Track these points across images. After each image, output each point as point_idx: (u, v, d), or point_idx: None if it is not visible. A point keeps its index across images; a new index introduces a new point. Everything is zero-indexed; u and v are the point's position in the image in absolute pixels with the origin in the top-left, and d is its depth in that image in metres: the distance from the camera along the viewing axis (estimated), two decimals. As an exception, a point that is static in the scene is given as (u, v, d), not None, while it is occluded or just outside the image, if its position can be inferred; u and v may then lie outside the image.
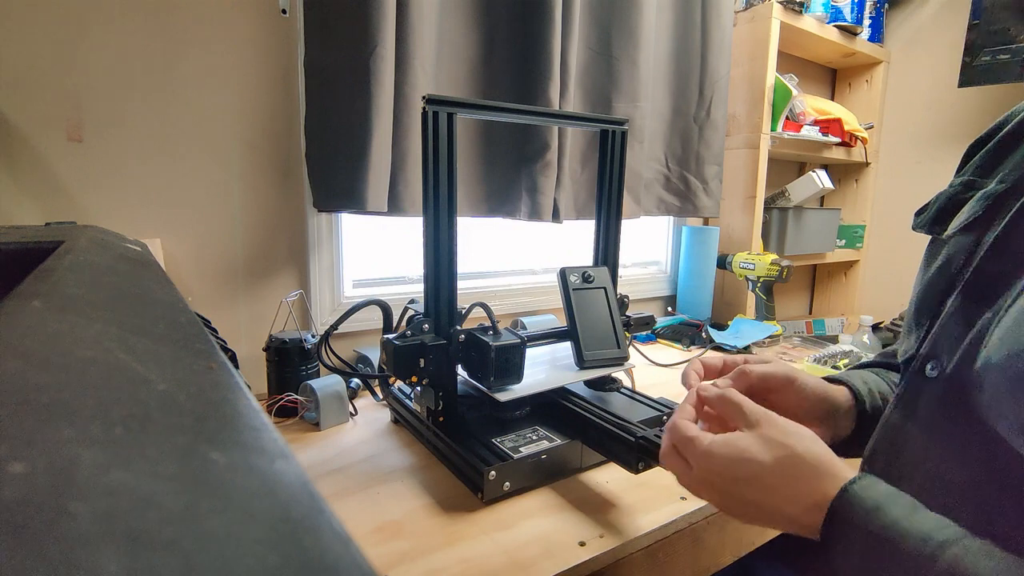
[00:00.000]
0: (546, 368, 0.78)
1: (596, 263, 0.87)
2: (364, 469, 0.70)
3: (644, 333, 1.23)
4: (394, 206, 0.96)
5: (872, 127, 1.78)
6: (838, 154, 1.65)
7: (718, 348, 1.26)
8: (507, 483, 0.62)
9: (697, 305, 1.48)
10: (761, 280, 1.33)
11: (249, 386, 0.58)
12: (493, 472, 0.61)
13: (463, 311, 0.74)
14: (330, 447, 0.76)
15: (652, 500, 0.63)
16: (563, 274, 0.80)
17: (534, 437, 0.69)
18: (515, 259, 1.31)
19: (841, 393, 0.54)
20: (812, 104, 1.55)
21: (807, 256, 1.67)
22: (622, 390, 0.85)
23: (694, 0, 1.32)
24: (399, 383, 0.86)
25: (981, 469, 0.39)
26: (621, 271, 0.99)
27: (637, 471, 0.60)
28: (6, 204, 0.77)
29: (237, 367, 0.65)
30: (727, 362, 0.54)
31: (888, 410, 0.49)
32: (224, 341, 0.70)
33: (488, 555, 0.53)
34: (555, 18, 1.03)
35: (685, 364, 1.14)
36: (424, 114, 0.66)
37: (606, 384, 0.85)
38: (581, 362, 0.77)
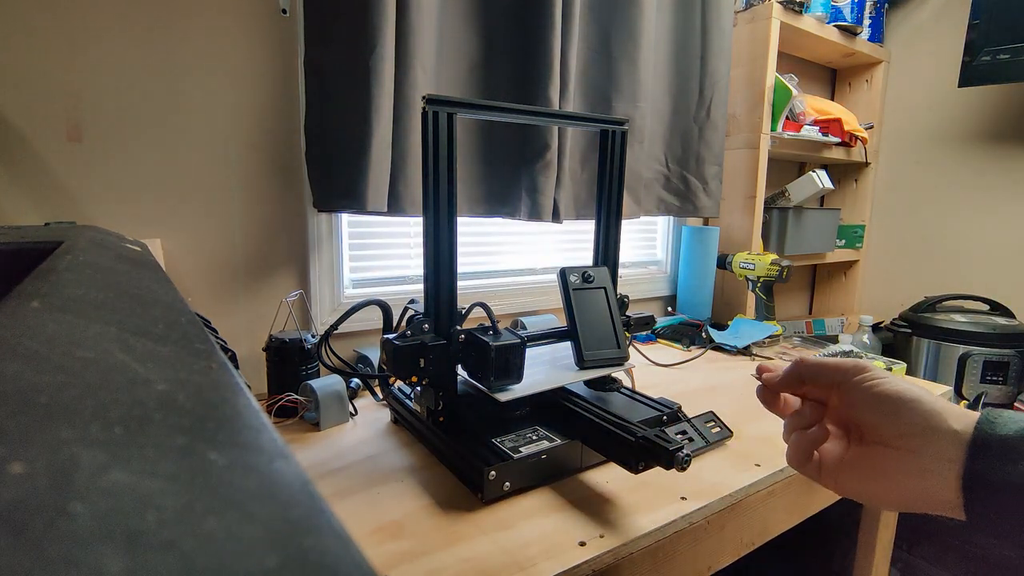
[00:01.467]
0: (546, 368, 0.78)
1: (596, 263, 0.87)
2: (364, 469, 0.70)
3: (644, 333, 1.23)
4: (394, 206, 0.96)
5: (872, 127, 1.78)
6: (838, 154, 1.65)
7: (718, 348, 1.26)
8: (507, 483, 0.62)
9: (697, 305, 1.48)
10: (761, 280, 1.33)
11: (249, 386, 0.58)
12: (493, 472, 0.61)
13: (463, 311, 0.74)
14: (330, 447, 0.76)
15: (652, 500, 0.63)
16: (563, 274, 0.80)
17: (534, 437, 0.69)
18: (515, 259, 1.31)
19: (956, 417, 0.34)
20: (812, 104, 1.55)
21: (807, 256, 1.67)
22: (622, 390, 0.85)
23: (694, 0, 1.32)
24: (399, 383, 0.86)
25: None
26: (621, 271, 0.99)
27: (637, 471, 0.60)
28: (5, 204, 0.77)
29: (237, 367, 0.65)
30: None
31: None
32: (224, 341, 0.70)
33: (488, 555, 0.53)
34: (555, 18, 1.03)
35: (685, 364, 1.15)
36: (424, 114, 0.66)
37: (606, 384, 0.85)
38: (581, 362, 0.77)
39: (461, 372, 0.73)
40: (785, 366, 0.42)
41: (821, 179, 1.53)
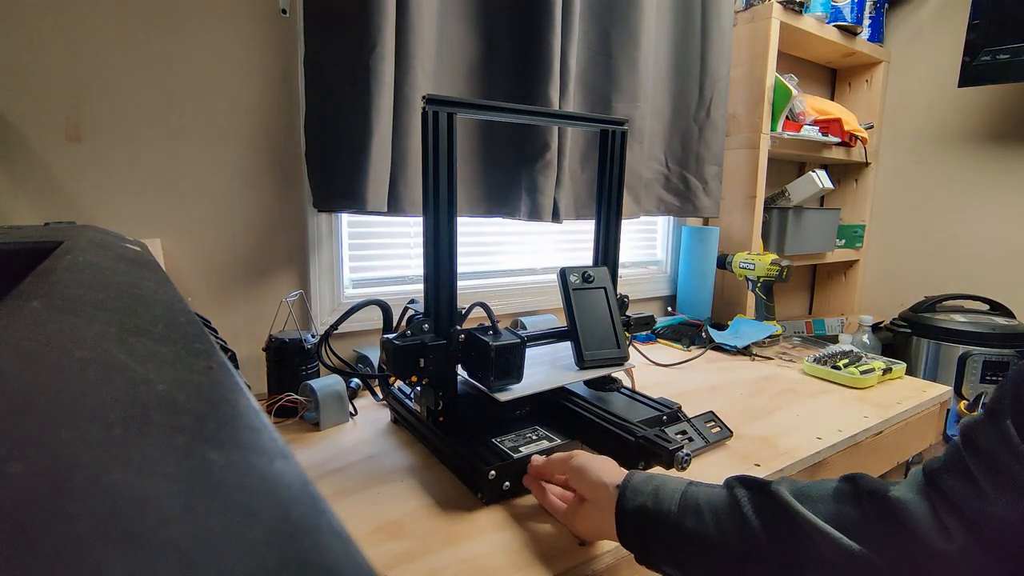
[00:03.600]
0: (546, 368, 0.78)
1: (596, 263, 0.87)
2: (364, 469, 0.70)
3: (644, 333, 1.23)
4: (394, 206, 0.96)
5: (872, 127, 1.78)
6: (838, 154, 1.65)
7: (718, 348, 1.26)
8: (507, 483, 0.62)
9: (697, 305, 1.48)
10: (761, 280, 1.33)
11: (249, 386, 0.58)
12: (493, 472, 0.61)
13: (463, 311, 0.74)
14: (330, 447, 0.76)
15: (652, 500, 0.63)
16: (563, 274, 0.80)
17: (534, 437, 0.69)
18: (515, 259, 1.31)
19: (613, 479, 0.53)
20: (812, 104, 1.55)
21: (807, 256, 1.67)
22: (622, 390, 0.85)
23: (694, 0, 1.32)
24: (399, 383, 0.86)
25: None
26: (621, 271, 0.99)
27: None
28: (5, 204, 0.77)
29: (237, 367, 0.65)
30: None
31: None
32: (224, 341, 0.70)
33: (488, 555, 0.53)
34: (555, 18, 1.03)
35: (685, 364, 1.15)
36: (424, 114, 0.66)
37: (606, 384, 0.85)
38: (581, 362, 0.77)
39: (461, 372, 0.73)
40: (541, 460, 0.62)
41: (821, 179, 1.53)
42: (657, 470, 0.60)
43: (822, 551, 0.41)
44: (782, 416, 0.89)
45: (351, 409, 0.85)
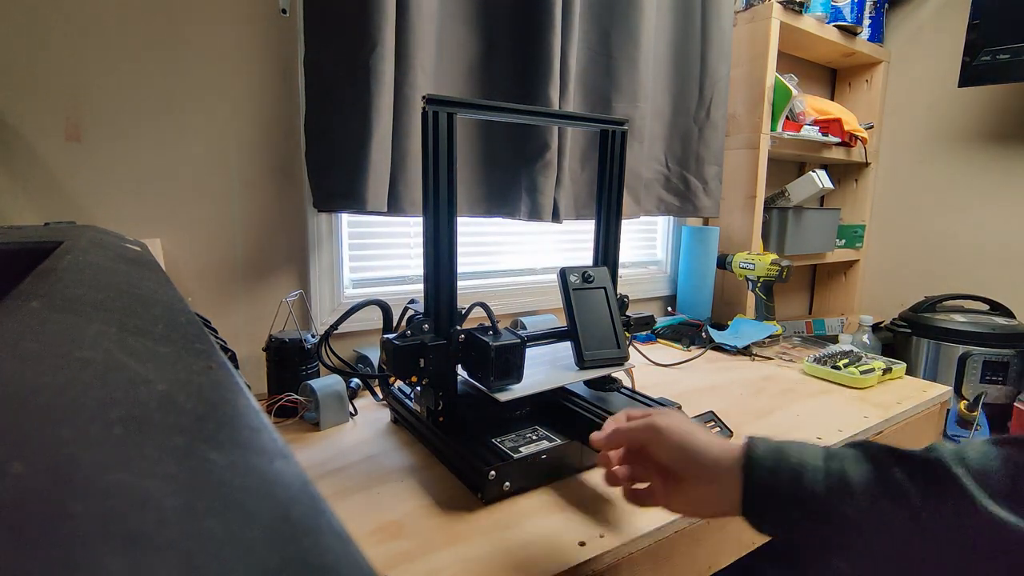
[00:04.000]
0: (546, 368, 0.78)
1: (596, 263, 0.87)
2: (364, 469, 0.70)
3: (644, 333, 1.23)
4: (394, 206, 0.96)
5: (872, 127, 1.78)
6: (838, 154, 1.65)
7: (718, 348, 1.26)
8: (507, 483, 0.62)
9: (697, 305, 1.48)
10: (761, 280, 1.33)
11: (249, 386, 0.58)
12: (493, 472, 0.61)
13: (463, 311, 0.74)
14: (330, 447, 0.76)
15: (652, 500, 0.63)
16: (563, 274, 0.80)
17: (534, 437, 0.69)
18: (515, 259, 1.31)
19: (726, 455, 0.47)
20: (812, 104, 1.55)
21: (807, 256, 1.67)
22: (622, 390, 0.85)
23: (694, 0, 1.32)
24: (399, 383, 0.86)
25: None
26: (621, 271, 0.99)
27: (637, 471, 0.60)
28: (5, 204, 0.77)
29: (237, 367, 0.65)
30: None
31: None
32: (224, 341, 0.70)
33: (488, 555, 0.53)
34: (555, 18, 1.03)
35: (685, 364, 1.15)
36: (424, 114, 0.65)
37: (606, 384, 0.84)
38: (581, 362, 0.77)
39: (461, 372, 0.72)
40: (609, 429, 0.53)
41: (821, 179, 1.53)
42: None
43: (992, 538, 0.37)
44: (782, 416, 0.89)
45: (351, 409, 0.85)
